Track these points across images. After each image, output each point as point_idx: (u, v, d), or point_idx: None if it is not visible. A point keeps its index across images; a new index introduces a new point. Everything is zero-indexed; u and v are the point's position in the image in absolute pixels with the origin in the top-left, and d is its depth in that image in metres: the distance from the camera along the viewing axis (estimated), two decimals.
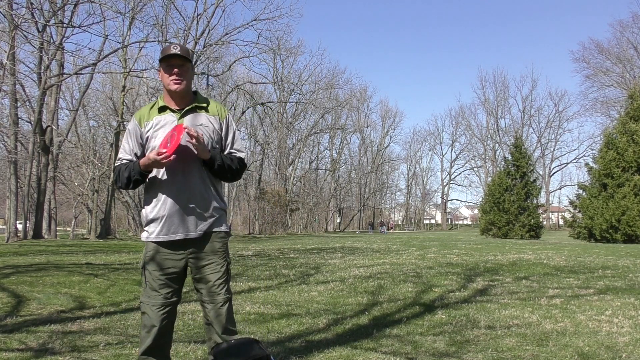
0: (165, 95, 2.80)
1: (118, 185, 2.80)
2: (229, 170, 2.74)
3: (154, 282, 2.71)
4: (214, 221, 2.75)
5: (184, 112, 2.75)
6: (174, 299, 2.76)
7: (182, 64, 2.73)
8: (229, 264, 2.80)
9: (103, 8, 17.83)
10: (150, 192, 2.75)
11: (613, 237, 22.54)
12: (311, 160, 56.44)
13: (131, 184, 2.71)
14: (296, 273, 8.25)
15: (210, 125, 2.76)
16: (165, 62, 2.70)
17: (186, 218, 2.68)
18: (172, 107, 2.76)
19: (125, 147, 2.80)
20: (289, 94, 45.75)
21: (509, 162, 33.85)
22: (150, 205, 2.73)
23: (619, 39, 46.32)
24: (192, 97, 2.81)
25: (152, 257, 2.73)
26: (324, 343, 3.87)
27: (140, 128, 2.77)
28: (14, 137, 23.31)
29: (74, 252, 13.31)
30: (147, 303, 2.73)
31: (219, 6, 30.39)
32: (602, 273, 7.87)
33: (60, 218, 49.12)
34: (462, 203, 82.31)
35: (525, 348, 3.71)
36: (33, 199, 24.66)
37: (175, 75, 2.70)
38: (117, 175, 2.77)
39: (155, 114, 2.77)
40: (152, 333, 2.71)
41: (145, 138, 2.76)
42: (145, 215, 2.77)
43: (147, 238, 2.75)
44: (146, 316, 2.73)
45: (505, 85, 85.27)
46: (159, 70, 2.80)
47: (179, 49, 2.70)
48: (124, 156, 2.78)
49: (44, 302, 5.44)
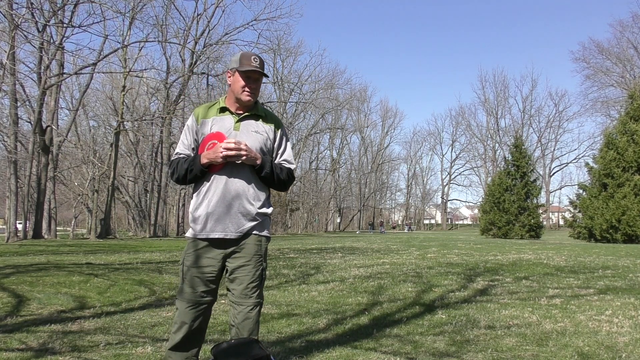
0: (229, 98, 2.83)
1: (174, 178, 2.81)
2: (277, 178, 2.78)
3: (190, 279, 2.73)
4: (255, 224, 2.76)
5: (242, 118, 2.80)
6: (209, 298, 2.76)
7: (258, 79, 2.78)
8: (264, 269, 2.80)
9: (103, 8, 17.86)
10: (198, 190, 2.78)
11: (613, 237, 22.54)
12: (311, 160, 56.44)
13: (188, 177, 2.74)
14: (296, 273, 8.25)
15: (264, 134, 2.81)
16: (245, 73, 2.73)
17: (228, 218, 2.71)
18: (233, 110, 2.81)
19: (183, 142, 2.85)
20: (289, 94, 45.75)
21: (509, 162, 33.87)
22: (197, 202, 2.77)
23: (619, 39, 46.44)
24: (254, 106, 2.86)
25: (191, 254, 2.75)
26: (324, 343, 3.87)
27: (197, 125, 2.81)
28: (14, 137, 23.31)
29: (74, 252, 13.31)
30: (181, 300, 2.74)
31: (219, 6, 30.45)
32: (602, 273, 7.87)
33: (60, 218, 49.10)
34: (462, 203, 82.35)
35: (525, 348, 3.71)
36: (33, 199, 24.66)
37: (250, 88, 2.75)
38: (174, 168, 2.80)
39: (215, 113, 2.81)
40: (183, 330, 2.71)
41: (200, 135, 2.79)
42: (191, 211, 2.80)
43: (189, 235, 2.79)
44: (178, 312, 2.74)
45: (505, 85, 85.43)
46: (230, 73, 2.80)
47: (258, 63, 2.74)
48: (182, 150, 2.83)
49: (44, 302, 5.44)
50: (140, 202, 34.42)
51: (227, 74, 2.86)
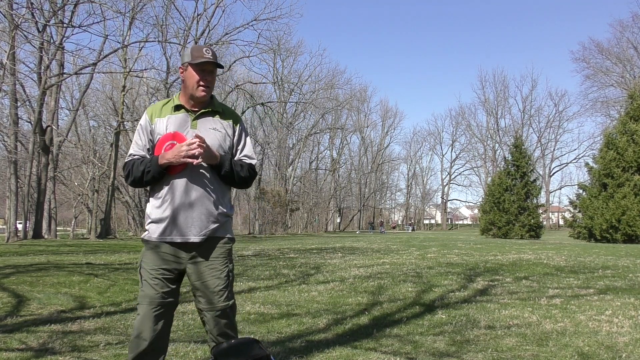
0: (183, 95, 2.72)
1: (130, 181, 2.68)
2: (237, 176, 2.69)
3: (151, 280, 2.61)
4: (217, 227, 2.67)
5: (199, 115, 2.69)
6: (171, 299, 2.64)
7: (212, 71, 2.67)
8: (230, 270, 2.69)
9: (103, 8, 17.86)
10: (155, 192, 2.68)
11: (613, 237, 22.54)
12: (311, 160, 56.42)
13: (145, 180, 2.62)
14: (296, 273, 8.25)
15: (223, 131, 2.72)
16: (198, 66, 2.62)
17: (189, 222, 2.60)
18: (188, 107, 2.70)
19: (137, 143, 2.72)
20: (289, 94, 45.75)
21: (509, 162, 33.87)
22: (154, 205, 2.67)
23: (619, 39, 46.39)
24: (209, 101, 2.75)
25: (149, 255, 2.65)
26: (324, 343, 3.87)
27: (151, 124, 2.70)
28: (14, 137, 23.32)
29: (74, 252, 13.31)
30: (142, 303, 2.61)
31: (219, 6, 30.45)
32: (602, 273, 7.87)
33: (60, 218, 49.09)
34: (462, 203, 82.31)
35: (525, 348, 3.72)
36: (33, 199, 24.66)
37: (205, 81, 2.64)
38: (129, 170, 2.66)
39: (169, 112, 2.70)
40: (145, 336, 2.58)
41: (156, 135, 2.68)
42: (148, 214, 2.70)
43: (148, 237, 2.67)
44: (140, 318, 2.61)
45: (505, 85, 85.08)
46: (182, 68, 2.69)
47: (211, 55, 2.63)
48: (137, 152, 2.71)
49: (44, 302, 5.44)
50: (140, 202, 34.41)
51: (179, 70, 2.73)
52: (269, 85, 45.08)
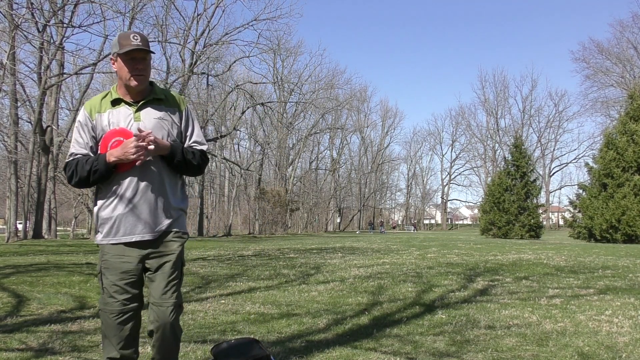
0: (120, 87, 2.56)
1: (74, 182, 2.53)
2: (190, 164, 2.57)
3: (110, 287, 2.52)
4: (172, 222, 2.58)
5: (140, 106, 2.55)
6: (134, 304, 2.55)
7: (144, 57, 2.50)
8: (179, 270, 2.59)
9: (103, 8, 17.89)
10: (103, 190, 2.56)
11: (613, 237, 22.54)
12: (311, 160, 56.41)
13: (92, 180, 2.48)
14: (296, 273, 8.25)
15: (169, 119, 2.59)
16: (127, 55, 2.46)
17: (142, 218, 2.50)
18: (128, 100, 2.55)
19: (78, 141, 2.56)
20: (289, 94, 45.73)
21: (509, 162, 33.87)
22: (103, 204, 2.54)
23: (619, 39, 46.38)
24: (149, 89, 2.60)
25: (107, 260, 2.55)
26: (324, 343, 3.87)
27: (91, 120, 2.54)
28: (14, 137, 23.31)
29: (74, 252, 13.30)
30: (104, 310, 2.53)
31: (219, 6, 30.41)
32: (602, 273, 7.87)
33: (60, 218, 49.11)
34: (462, 203, 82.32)
35: (525, 348, 3.72)
36: (33, 199, 24.65)
37: (137, 70, 2.47)
38: (73, 170, 2.50)
39: (109, 106, 2.54)
40: (113, 343, 2.52)
41: (99, 131, 2.54)
42: (98, 215, 2.56)
43: (101, 240, 2.56)
44: (104, 326, 2.55)
45: (505, 85, 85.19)
46: (113, 59, 2.53)
47: (140, 40, 2.46)
48: (79, 150, 2.55)
49: (44, 302, 5.44)
50: None
51: (110, 62, 2.58)
52: (269, 85, 45.09)
